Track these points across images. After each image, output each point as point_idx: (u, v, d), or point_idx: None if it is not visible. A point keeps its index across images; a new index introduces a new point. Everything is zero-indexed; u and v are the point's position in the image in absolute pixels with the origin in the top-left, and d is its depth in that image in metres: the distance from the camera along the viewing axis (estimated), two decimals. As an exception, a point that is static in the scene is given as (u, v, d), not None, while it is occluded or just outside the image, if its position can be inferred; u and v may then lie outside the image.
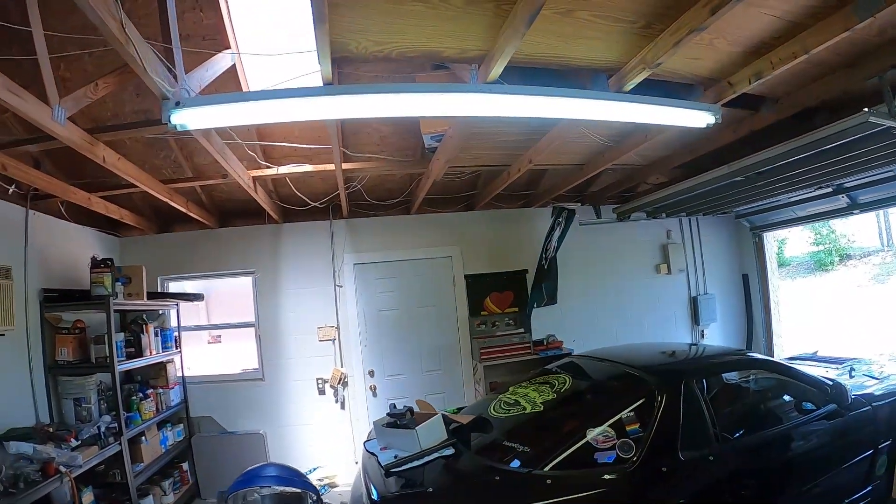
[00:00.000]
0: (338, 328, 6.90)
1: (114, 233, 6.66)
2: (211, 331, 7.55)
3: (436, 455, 3.77)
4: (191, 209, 6.01)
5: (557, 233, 6.85)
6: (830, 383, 4.14)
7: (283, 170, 5.51)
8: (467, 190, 7.15)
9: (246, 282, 7.04)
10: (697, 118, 3.73)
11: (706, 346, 6.49)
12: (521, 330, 7.09)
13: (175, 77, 2.96)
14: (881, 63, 3.71)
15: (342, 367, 6.85)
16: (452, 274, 7.31)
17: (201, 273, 6.97)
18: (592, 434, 3.47)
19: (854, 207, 6.89)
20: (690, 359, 4.86)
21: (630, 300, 7.85)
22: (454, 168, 5.82)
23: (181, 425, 6.39)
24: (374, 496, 3.47)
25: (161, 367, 6.14)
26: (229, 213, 7.02)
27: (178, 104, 2.82)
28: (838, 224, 14.59)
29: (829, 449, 4.01)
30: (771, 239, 8.52)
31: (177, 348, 6.50)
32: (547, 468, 3.33)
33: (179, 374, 6.55)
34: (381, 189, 6.76)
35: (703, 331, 8.11)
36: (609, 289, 7.79)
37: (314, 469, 6.58)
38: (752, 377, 4.66)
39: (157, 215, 6.84)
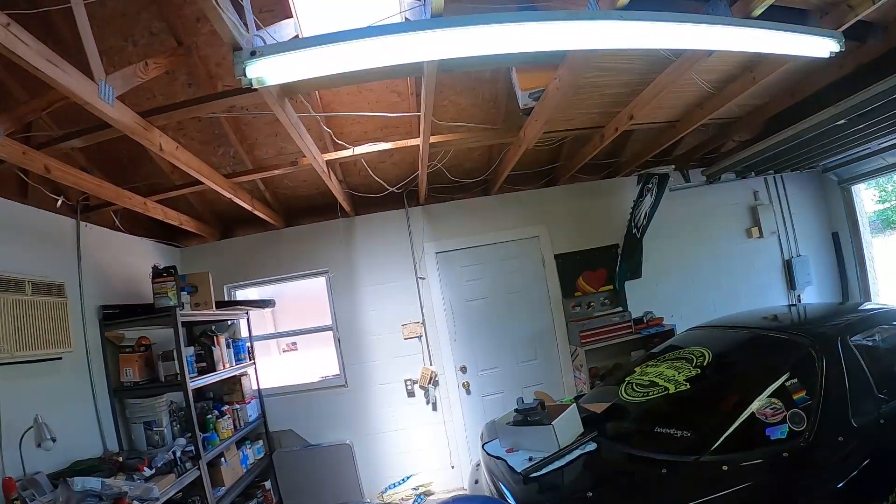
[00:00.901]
0: (423, 324, 6.39)
1: (173, 243, 6.28)
2: (285, 338, 7.10)
3: (578, 452, 3.36)
4: (256, 207, 5.54)
5: (649, 200, 6.24)
6: None
7: (360, 150, 4.94)
8: (547, 164, 6.58)
9: (317, 284, 6.61)
10: (821, 46, 3.38)
11: (833, 304, 6.21)
12: (620, 309, 6.58)
13: (245, 26, 2.39)
14: None
15: (431, 365, 6.34)
16: (541, 254, 6.71)
17: (270, 277, 6.55)
18: (758, 407, 3.07)
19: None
20: (834, 314, 4.35)
21: (723, 268, 7.21)
22: (545, 134, 5.22)
23: (260, 442, 6.01)
24: None
25: (235, 381, 5.76)
26: (295, 210, 6.58)
27: (253, 54, 2.26)
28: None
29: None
30: (861, 192, 7.75)
31: (250, 360, 6.11)
32: (713, 452, 2.93)
33: (255, 387, 6.16)
34: (458, 170, 6.22)
35: (799, 295, 7.42)
36: (701, 258, 7.16)
37: (408, 477, 6.15)
38: (876, 334, 3.96)
39: (218, 219, 6.44)
